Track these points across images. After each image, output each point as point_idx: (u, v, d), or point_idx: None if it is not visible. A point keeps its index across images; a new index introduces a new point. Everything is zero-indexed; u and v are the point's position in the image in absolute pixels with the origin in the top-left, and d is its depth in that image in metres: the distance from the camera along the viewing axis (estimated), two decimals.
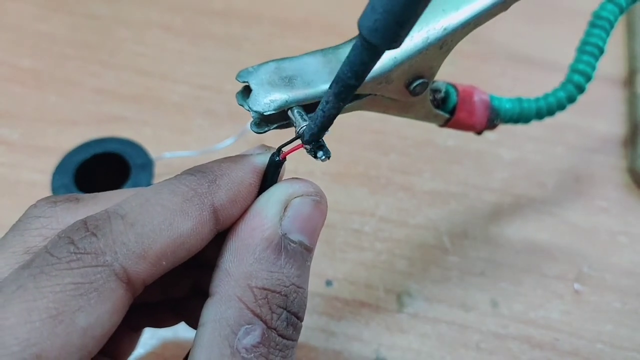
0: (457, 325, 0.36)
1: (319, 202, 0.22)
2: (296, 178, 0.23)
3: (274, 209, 0.21)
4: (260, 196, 0.22)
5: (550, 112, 0.33)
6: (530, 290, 0.38)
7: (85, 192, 0.35)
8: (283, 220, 0.21)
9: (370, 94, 0.25)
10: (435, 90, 0.30)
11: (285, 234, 0.21)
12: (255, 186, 0.22)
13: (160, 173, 0.40)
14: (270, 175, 0.23)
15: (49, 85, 0.48)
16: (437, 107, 0.30)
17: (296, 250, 0.21)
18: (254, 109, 0.23)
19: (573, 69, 0.33)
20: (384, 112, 0.27)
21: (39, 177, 0.41)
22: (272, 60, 0.25)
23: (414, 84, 0.26)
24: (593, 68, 0.32)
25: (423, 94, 0.27)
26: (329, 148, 0.23)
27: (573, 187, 0.44)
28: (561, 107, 0.33)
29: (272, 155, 0.23)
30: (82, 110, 0.46)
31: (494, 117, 0.32)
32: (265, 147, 0.24)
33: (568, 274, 0.39)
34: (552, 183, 0.44)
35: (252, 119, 0.24)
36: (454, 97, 0.31)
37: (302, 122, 0.23)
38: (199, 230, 0.20)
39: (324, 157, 0.22)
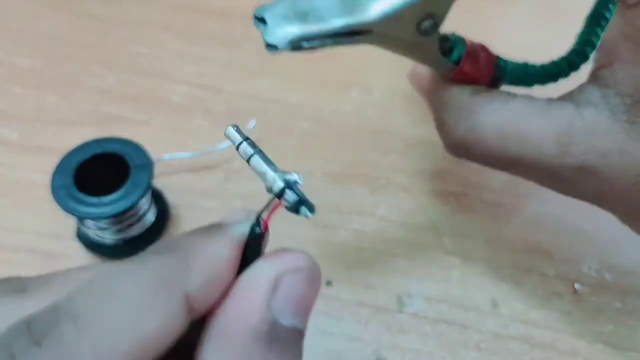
0: (457, 325, 0.36)
1: (313, 276, 0.19)
2: (284, 249, 0.20)
3: (261, 290, 0.18)
4: (242, 274, 0.19)
5: (553, 76, 0.34)
6: (530, 290, 0.38)
7: (85, 192, 0.35)
8: (273, 303, 0.18)
9: (379, 32, 0.27)
10: (444, 39, 0.31)
11: (276, 319, 0.18)
12: (235, 263, 0.19)
13: (160, 173, 0.40)
14: (252, 248, 0.20)
15: (49, 85, 0.48)
16: (444, 54, 0.31)
17: (290, 338, 0.18)
18: (269, 41, 0.25)
19: (579, 38, 0.33)
20: (391, 50, 0.29)
21: (38, 177, 0.40)
22: None
23: (424, 24, 0.27)
24: (598, 38, 0.33)
25: (432, 36, 0.28)
26: (312, 202, 0.20)
27: None
28: (564, 72, 0.34)
29: (252, 227, 0.20)
30: (82, 110, 0.46)
31: (498, 75, 0.33)
32: (246, 212, 0.21)
33: (568, 274, 0.38)
34: None
35: (265, 43, 0.26)
36: (461, 48, 0.32)
37: (269, 172, 0.21)
38: (169, 326, 0.17)
39: (309, 213, 0.20)
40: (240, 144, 0.21)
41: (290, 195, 0.20)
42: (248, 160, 0.21)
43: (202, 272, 0.18)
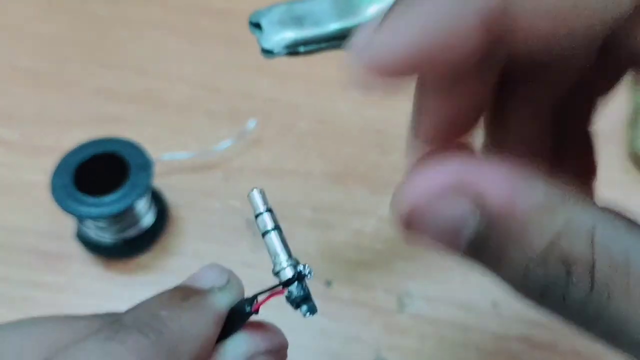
0: (457, 325, 0.36)
1: (282, 355, 0.19)
2: (260, 325, 0.19)
3: None
4: (216, 353, 0.18)
5: None
6: None
7: (85, 192, 0.35)
8: None
9: None
10: None
11: None
12: (215, 339, 0.18)
13: (160, 173, 0.40)
14: (234, 322, 0.19)
15: (49, 85, 0.48)
16: None
17: None
18: (265, 46, 0.25)
19: None
20: None
21: (38, 177, 0.40)
22: (284, 3, 0.26)
23: None
24: None
25: None
26: (314, 302, 0.19)
27: None
28: None
29: (243, 302, 0.19)
30: (81, 110, 0.46)
31: None
32: (218, 269, 0.20)
33: None
34: None
35: (261, 49, 0.26)
36: None
37: (281, 256, 0.19)
38: None
39: (308, 313, 0.19)
40: (260, 214, 0.19)
41: (296, 289, 0.19)
42: (263, 235, 0.19)
43: (189, 355, 0.17)
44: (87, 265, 0.38)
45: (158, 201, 0.40)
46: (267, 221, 0.19)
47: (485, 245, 0.16)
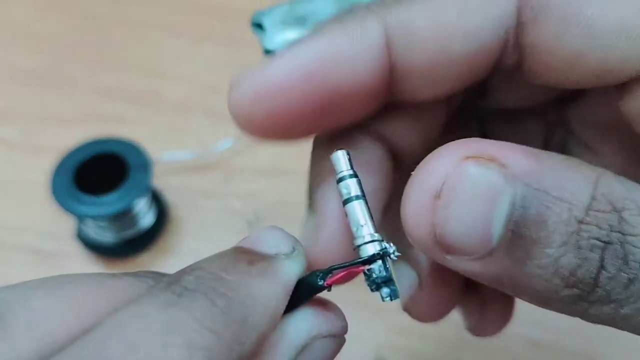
0: (458, 325, 0.36)
1: (340, 344, 0.18)
2: (324, 303, 0.18)
3: (287, 356, 0.16)
4: (276, 329, 0.16)
5: None
6: None
7: (85, 192, 0.35)
8: None
9: None
10: None
11: None
12: (281, 314, 0.16)
13: (160, 173, 0.40)
14: (300, 297, 0.17)
15: (49, 85, 0.48)
16: None
17: None
18: (267, 47, 0.25)
19: None
20: None
21: (38, 177, 0.40)
22: (286, 3, 0.26)
23: None
24: None
25: None
26: (396, 287, 0.17)
27: None
28: None
29: (315, 275, 0.17)
30: (81, 110, 0.46)
31: None
32: (280, 233, 0.17)
33: None
34: None
35: (264, 49, 0.26)
36: None
37: (366, 229, 0.17)
38: None
39: (389, 298, 0.17)
40: (343, 178, 0.17)
41: (378, 268, 0.17)
42: (345, 202, 0.17)
43: (261, 333, 0.14)
44: (87, 265, 0.38)
45: (158, 201, 0.40)
46: (351, 187, 0.17)
47: (525, 216, 0.14)
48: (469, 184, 0.14)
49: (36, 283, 0.14)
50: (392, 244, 0.17)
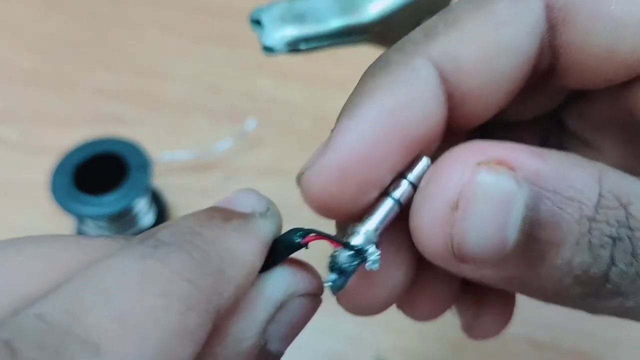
0: (458, 325, 0.36)
1: (317, 302, 0.18)
2: (300, 263, 0.17)
3: (264, 313, 0.16)
4: (253, 287, 0.16)
5: None
6: None
7: (85, 192, 0.35)
8: (271, 326, 0.16)
9: (377, 31, 0.27)
10: None
11: (266, 343, 0.16)
12: (258, 270, 0.16)
13: (160, 173, 0.40)
14: (277, 255, 0.17)
15: (49, 85, 0.48)
16: None
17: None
18: (266, 43, 0.25)
19: None
20: None
21: (38, 177, 0.40)
22: (284, 0, 0.26)
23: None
24: None
25: None
26: (346, 286, 0.17)
27: None
28: None
29: (293, 233, 0.17)
30: (81, 110, 0.46)
31: None
32: (254, 194, 0.18)
33: None
34: None
35: (262, 46, 0.26)
36: None
37: (370, 224, 0.17)
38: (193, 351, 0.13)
39: (332, 284, 0.17)
40: (408, 182, 0.17)
41: (346, 257, 0.17)
42: (387, 196, 0.17)
43: (238, 286, 0.14)
44: None
45: (158, 201, 0.40)
46: (404, 193, 0.17)
47: (539, 218, 0.14)
48: (485, 193, 0.15)
49: (7, 242, 0.14)
50: (378, 255, 0.17)
